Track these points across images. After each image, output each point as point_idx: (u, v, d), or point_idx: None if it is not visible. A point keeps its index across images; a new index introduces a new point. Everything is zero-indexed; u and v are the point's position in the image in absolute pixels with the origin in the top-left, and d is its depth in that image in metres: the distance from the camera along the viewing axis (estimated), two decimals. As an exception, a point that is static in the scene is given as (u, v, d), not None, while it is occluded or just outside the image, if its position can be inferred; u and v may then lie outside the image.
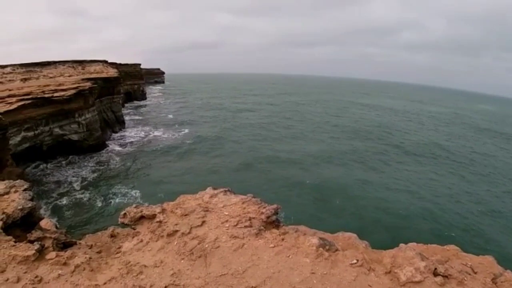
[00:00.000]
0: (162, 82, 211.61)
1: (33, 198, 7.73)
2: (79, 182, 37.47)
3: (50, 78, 60.43)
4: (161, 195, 31.66)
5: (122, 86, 78.51)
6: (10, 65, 68.61)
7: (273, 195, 30.46)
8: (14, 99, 36.92)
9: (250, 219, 6.91)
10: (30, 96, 39.34)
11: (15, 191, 7.81)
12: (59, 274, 5.30)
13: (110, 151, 50.45)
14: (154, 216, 7.36)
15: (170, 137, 61.92)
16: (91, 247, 6.90)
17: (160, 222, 7.10)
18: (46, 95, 41.08)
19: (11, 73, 63.59)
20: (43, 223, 8.58)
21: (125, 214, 7.66)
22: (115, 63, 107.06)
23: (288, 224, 7.72)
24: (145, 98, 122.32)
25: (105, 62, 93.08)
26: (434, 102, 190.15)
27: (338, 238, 6.94)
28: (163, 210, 7.56)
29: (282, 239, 6.34)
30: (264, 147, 55.41)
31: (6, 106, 34.66)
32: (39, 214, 8.21)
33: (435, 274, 5.07)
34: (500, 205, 36.55)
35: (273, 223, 7.05)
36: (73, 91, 44.77)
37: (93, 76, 62.33)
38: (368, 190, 37.50)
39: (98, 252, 6.64)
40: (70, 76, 64.05)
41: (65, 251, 6.20)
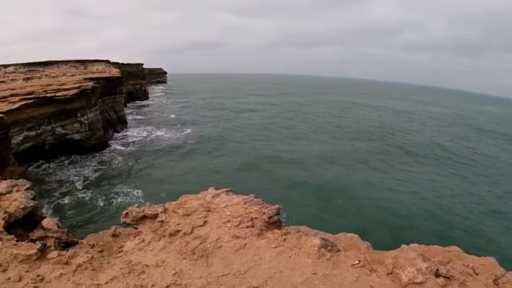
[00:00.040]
0: (165, 82, 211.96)
1: (35, 197, 7.74)
2: (81, 181, 37.49)
3: (53, 77, 60.58)
4: (163, 195, 31.73)
5: (124, 86, 78.57)
6: (13, 64, 68.90)
7: (275, 195, 30.39)
8: (16, 99, 36.98)
9: (252, 219, 6.92)
10: (33, 95, 39.41)
11: (17, 190, 7.82)
12: (61, 273, 5.31)
13: (112, 151, 50.47)
14: (156, 215, 7.37)
15: (172, 137, 61.89)
16: (93, 247, 6.91)
17: (162, 221, 7.11)
18: (48, 95, 41.14)
19: (14, 72, 63.83)
20: (45, 222, 8.60)
21: (127, 213, 7.67)
22: (118, 63, 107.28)
23: (290, 224, 7.71)
24: (147, 98, 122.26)
25: (107, 62, 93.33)
26: (435, 103, 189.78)
27: (340, 239, 6.94)
28: (165, 210, 7.57)
29: (284, 240, 6.34)
30: (266, 147, 55.38)
31: (9, 105, 34.73)
32: (41, 213, 8.22)
33: (437, 275, 5.07)
34: (502, 206, 36.45)
35: (275, 224, 7.05)
36: (75, 91, 44.84)
37: (95, 75, 62.37)
38: (370, 191, 37.46)
39: (100, 251, 6.65)
40: (72, 75, 64.21)
41: (67, 251, 6.21)
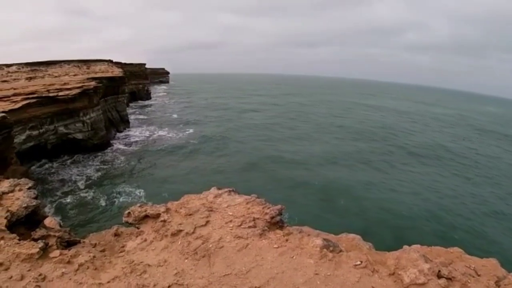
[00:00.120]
0: (167, 82, 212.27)
1: (37, 197, 7.76)
2: (84, 181, 37.53)
3: (55, 77, 60.68)
4: (165, 195, 31.71)
5: (127, 85, 78.62)
6: (16, 64, 69.03)
7: (277, 196, 30.36)
8: (19, 98, 37.06)
9: (254, 220, 6.92)
10: (35, 95, 39.49)
11: (20, 190, 7.85)
12: (63, 273, 5.33)
13: (115, 150, 50.51)
14: (158, 215, 7.38)
15: (174, 136, 61.88)
16: (95, 246, 6.92)
17: (164, 221, 7.12)
18: (51, 94, 41.21)
19: (16, 72, 63.97)
20: (47, 222, 8.63)
21: (129, 213, 7.68)
22: (120, 63, 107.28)
23: (292, 224, 7.71)
24: (150, 98, 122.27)
25: (110, 61, 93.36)
26: (437, 103, 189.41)
27: (342, 239, 6.94)
28: (167, 210, 7.58)
29: (286, 240, 6.35)
30: (268, 148, 55.33)
31: (11, 104, 34.80)
32: (43, 213, 8.25)
33: (439, 276, 5.06)
34: (504, 207, 36.32)
35: (277, 224, 7.06)
36: (78, 90, 44.89)
37: (98, 75, 62.44)
38: (372, 191, 37.38)
39: (102, 251, 6.66)
40: (75, 75, 64.30)
41: (69, 250, 6.22)
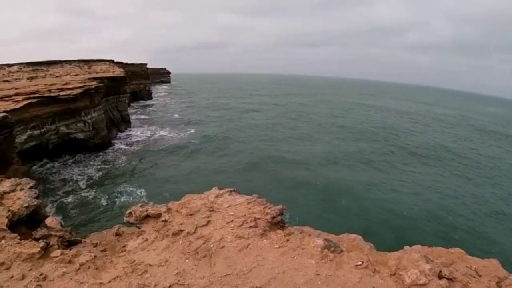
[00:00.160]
0: (168, 82, 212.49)
1: (38, 196, 7.78)
2: (85, 180, 37.57)
3: (57, 77, 60.80)
4: (166, 195, 31.72)
5: (128, 85, 78.66)
6: (17, 63, 69.18)
7: (278, 196, 30.37)
8: (20, 98, 37.11)
9: (255, 220, 6.91)
10: (37, 94, 39.54)
11: (21, 189, 7.86)
12: (64, 272, 5.33)
13: (116, 150, 50.55)
14: (159, 215, 7.38)
15: (176, 136, 61.90)
16: (96, 246, 6.92)
17: (165, 221, 7.12)
18: (52, 94, 41.24)
19: (18, 71, 64.12)
20: (49, 221, 8.65)
21: (130, 213, 7.69)
22: (121, 63, 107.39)
23: (293, 224, 7.70)
24: (151, 98, 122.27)
25: (111, 61, 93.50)
26: (439, 104, 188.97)
27: (343, 240, 6.93)
28: (169, 210, 7.58)
29: (287, 240, 6.34)
30: (270, 148, 55.31)
31: (13, 104, 34.83)
32: (45, 212, 8.26)
33: (440, 277, 5.06)
34: (505, 207, 36.24)
35: (278, 224, 7.05)
36: (79, 90, 44.92)
37: (99, 75, 62.51)
38: (373, 191, 37.35)
39: (103, 250, 6.66)
40: (76, 75, 64.40)
41: (70, 249, 6.23)
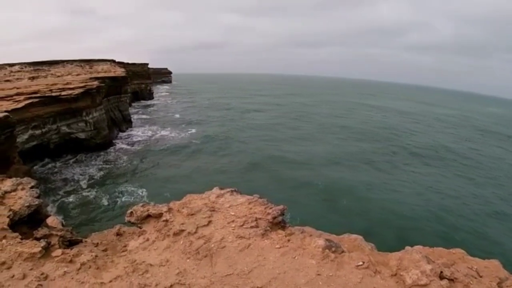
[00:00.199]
0: (170, 81, 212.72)
1: (39, 196, 7.79)
2: (86, 180, 37.58)
3: (58, 76, 60.86)
4: (167, 194, 31.70)
5: (129, 85, 78.76)
6: (18, 63, 69.26)
7: (279, 196, 30.29)
8: (22, 97, 37.13)
9: (256, 220, 6.91)
10: (38, 94, 39.56)
11: (22, 189, 7.87)
12: (65, 272, 5.33)
13: (117, 150, 50.58)
14: (160, 215, 7.39)
15: (177, 136, 61.88)
16: (97, 245, 6.93)
17: (166, 221, 7.12)
18: (53, 94, 41.26)
19: (19, 71, 64.21)
20: (50, 221, 8.66)
21: (131, 212, 7.69)
22: (123, 63, 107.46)
23: (294, 225, 7.70)
24: (152, 98, 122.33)
25: (112, 61, 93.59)
26: (439, 104, 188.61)
27: (344, 240, 6.91)
28: (170, 209, 7.58)
29: (288, 240, 6.33)
30: (271, 148, 55.25)
31: (14, 104, 34.84)
32: (46, 212, 8.28)
33: (441, 277, 5.05)
34: (506, 208, 36.15)
35: (279, 224, 7.04)
36: (80, 90, 44.96)
37: (100, 75, 62.54)
38: (374, 192, 37.30)
39: (104, 250, 6.67)
40: (78, 75, 64.47)
41: (71, 249, 6.23)
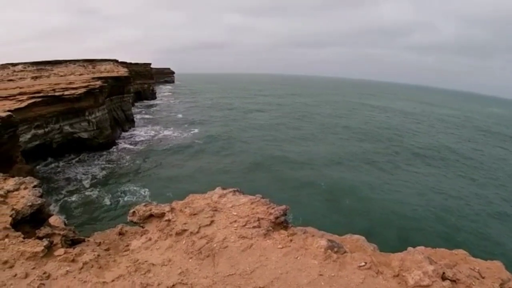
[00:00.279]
0: (172, 81, 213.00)
1: (42, 195, 7.79)
2: (89, 179, 37.63)
3: (61, 76, 61.02)
4: (170, 194, 31.76)
5: (132, 85, 78.90)
6: (21, 63, 69.48)
7: (282, 196, 30.31)
8: (24, 97, 37.25)
9: (258, 220, 6.91)
10: (41, 94, 39.67)
11: (25, 188, 7.88)
12: (67, 271, 5.34)
13: (120, 150, 50.65)
14: (163, 214, 7.39)
15: (179, 136, 61.94)
16: (100, 245, 6.94)
17: (168, 221, 7.12)
18: (56, 93, 41.37)
19: (22, 71, 64.45)
20: (52, 220, 8.67)
21: (134, 212, 7.70)
22: (126, 63, 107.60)
23: (296, 225, 7.68)
24: (155, 98, 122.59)
25: (115, 61, 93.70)
26: (441, 104, 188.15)
27: (346, 240, 6.91)
28: (172, 209, 7.59)
29: (291, 240, 6.32)
30: (273, 148, 55.22)
31: (17, 103, 34.96)
32: (48, 211, 8.28)
33: (443, 278, 5.03)
34: (508, 208, 36.01)
35: (281, 224, 7.04)
36: (83, 90, 45.05)
37: (103, 75, 62.66)
38: (377, 192, 37.24)
39: (106, 249, 6.68)
40: (80, 74, 64.61)
41: (73, 248, 6.24)
